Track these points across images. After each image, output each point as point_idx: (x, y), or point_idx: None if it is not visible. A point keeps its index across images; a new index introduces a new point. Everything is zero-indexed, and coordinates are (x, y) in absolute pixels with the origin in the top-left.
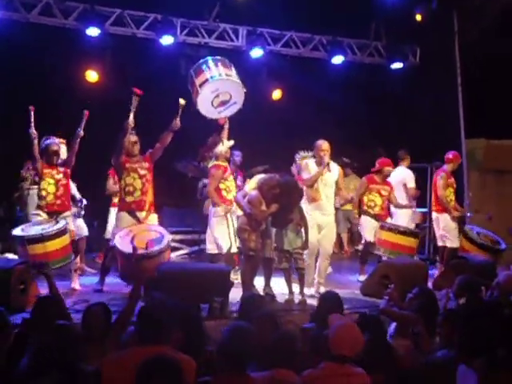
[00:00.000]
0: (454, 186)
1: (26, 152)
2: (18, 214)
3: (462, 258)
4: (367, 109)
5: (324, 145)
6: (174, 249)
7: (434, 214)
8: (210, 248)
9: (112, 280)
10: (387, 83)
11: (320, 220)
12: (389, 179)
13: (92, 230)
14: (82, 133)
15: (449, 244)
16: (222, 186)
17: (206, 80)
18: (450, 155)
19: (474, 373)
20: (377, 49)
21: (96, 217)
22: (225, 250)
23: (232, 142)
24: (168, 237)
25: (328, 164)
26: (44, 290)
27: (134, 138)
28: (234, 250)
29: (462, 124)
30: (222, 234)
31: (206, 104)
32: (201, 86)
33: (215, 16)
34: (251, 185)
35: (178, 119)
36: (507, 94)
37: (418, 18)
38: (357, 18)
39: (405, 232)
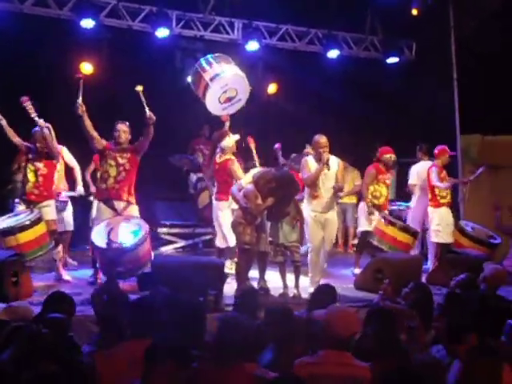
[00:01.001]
0: (447, 178)
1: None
2: (11, 206)
3: (456, 252)
4: (362, 103)
5: (322, 140)
6: (169, 242)
7: (430, 209)
8: (220, 242)
9: None
10: (383, 78)
11: (320, 217)
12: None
13: (87, 223)
14: (42, 121)
15: (442, 240)
16: (229, 179)
17: (217, 74)
18: (436, 150)
19: (459, 361)
20: (372, 43)
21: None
22: (233, 244)
23: (238, 136)
24: (145, 229)
25: (327, 161)
26: (36, 282)
27: (123, 126)
28: None
29: (458, 119)
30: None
31: (213, 99)
32: (211, 79)
33: (211, 9)
34: (247, 179)
35: (147, 110)
36: (503, 89)
37: (414, 12)
38: (353, 12)
39: (405, 229)
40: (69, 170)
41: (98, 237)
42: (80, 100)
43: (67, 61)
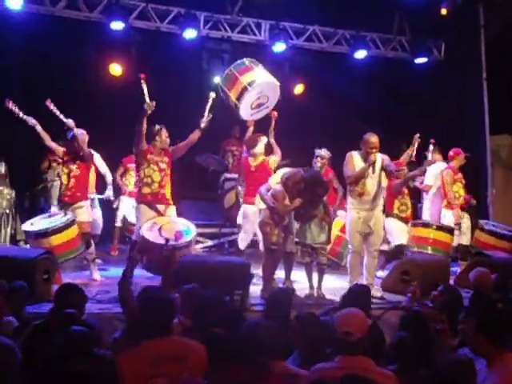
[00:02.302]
0: (463, 181)
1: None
2: (42, 205)
3: (484, 255)
4: (390, 104)
5: (373, 139)
6: (195, 242)
7: (443, 210)
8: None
9: (135, 272)
10: (411, 78)
11: (365, 216)
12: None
13: (108, 224)
14: (70, 121)
15: (458, 241)
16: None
17: (254, 80)
18: (451, 152)
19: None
20: (400, 43)
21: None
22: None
23: (266, 139)
24: (195, 229)
25: (374, 163)
26: (67, 279)
27: (165, 132)
28: None
29: (487, 120)
30: None
31: (247, 104)
32: (250, 84)
33: (238, 10)
34: (275, 179)
35: (208, 115)
36: None
37: (443, 11)
38: (380, 12)
39: (441, 228)
40: (99, 177)
41: (150, 234)
42: (148, 100)
43: (97, 62)
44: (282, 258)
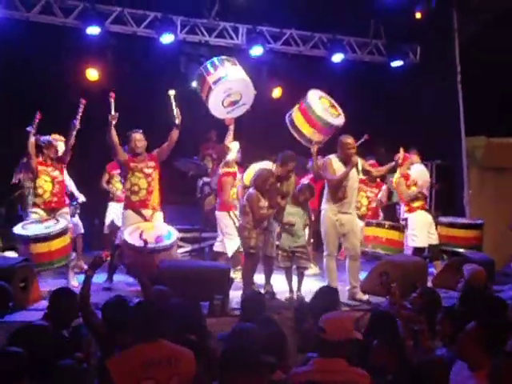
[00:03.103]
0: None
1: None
2: (19, 212)
3: (461, 255)
4: (367, 107)
5: (349, 140)
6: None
7: (406, 215)
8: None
9: (117, 278)
10: (387, 81)
11: (343, 219)
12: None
13: (93, 227)
14: (77, 124)
15: (416, 244)
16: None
17: (220, 78)
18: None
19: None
20: (377, 47)
21: (96, 214)
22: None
23: (237, 145)
24: (176, 233)
25: (356, 164)
26: (45, 287)
27: (138, 136)
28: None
29: (462, 122)
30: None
31: (216, 102)
32: (214, 83)
33: (215, 14)
34: (248, 176)
35: (176, 111)
36: (507, 91)
37: (418, 15)
38: (357, 16)
39: (392, 227)
40: None
41: (131, 238)
42: (113, 112)
43: (73, 67)
44: (262, 261)
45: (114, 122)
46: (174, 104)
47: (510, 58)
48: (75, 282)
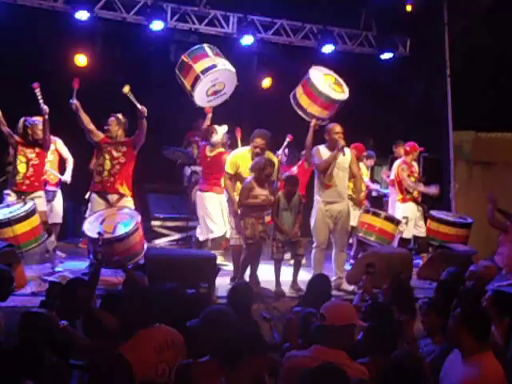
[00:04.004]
0: (416, 175)
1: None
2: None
3: (446, 248)
4: (356, 98)
5: (337, 127)
6: (162, 235)
7: (397, 204)
8: (203, 235)
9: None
10: (377, 73)
11: (333, 209)
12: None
13: (80, 215)
14: (45, 107)
15: (404, 235)
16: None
17: (209, 68)
18: (407, 147)
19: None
20: (367, 38)
21: (84, 202)
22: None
23: (225, 128)
24: (136, 219)
25: (343, 147)
26: (30, 273)
27: (112, 119)
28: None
29: (450, 115)
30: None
31: (202, 92)
32: (203, 72)
33: (206, 2)
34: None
35: (139, 106)
36: (497, 85)
37: (409, 8)
38: (347, 8)
39: (387, 218)
40: (63, 162)
41: (90, 227)
42: (75, 100)
43: (62, 53)
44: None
45: (74, 109)
46: (132, 98)
47: (499, 52)
48: (60, 267)
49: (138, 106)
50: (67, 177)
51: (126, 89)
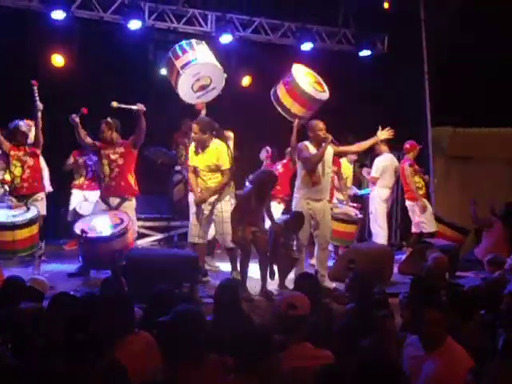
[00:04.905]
0: (421, 172)
1: None
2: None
3: (427, 242)
4: (335, 96)
5: (320, 124)
6: (144, 235)
7: (409, 202)
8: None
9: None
10: (355, 71)
11: (315, 207)
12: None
13: (59, 216)
14: (40, 104)
15: (425, 229)
16: None
17: (189, 62)
18: (407, 145)
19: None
20: (345, 36)
21: (63, 203)
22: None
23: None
24: (125, 224)
25: (332, 140)
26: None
27: (103, 125)
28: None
29: (428, 112)
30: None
31: (185, 87)
32: (182, 67)
33: (184, 1)
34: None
35: (134, 107)
36: (474, 82)
37: (386, 5)
38: (326, 6)
39: (343, 220)
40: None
41: (79, 225)
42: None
43: (38, 53)
44: (227, 253)
45: (77, 121)
46: (123, 106)
47: (476, 48)
48: (39, 271)
49: (133, 107)
50: (48, 186)
51: (115, 104)
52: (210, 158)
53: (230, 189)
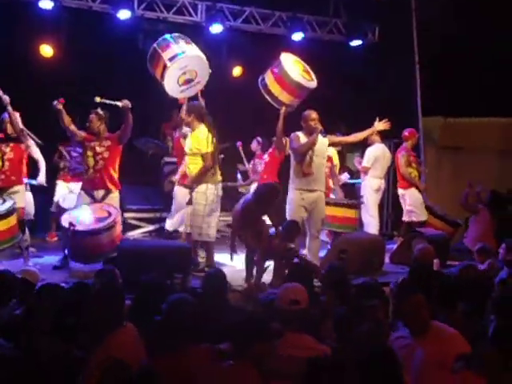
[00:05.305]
0: (417, 162)
1: None
2: None
3: (417, 232)
4: (326, 85)
5: (313, 114)
6: (135, 227)
7: (400, 191)
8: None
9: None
10: (346, 60)
11: (309, 198)
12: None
13: (48, 210)
14: (6, 97)
15: (416, 218)
16: None
17: (176, 55)
18: (406, 133)
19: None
20: (336, 26)
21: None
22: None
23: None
24: (113, 217)
25: (321, 131)
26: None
27: (92, 116)
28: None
29: (419, 102)
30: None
31: (171, 80)
32: (170, 59)
33: None
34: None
35: (119, 103)
36: (464, 72)
37: None
38: None
39: (347, 205)
40: (33, 164)
41: (65, 218)
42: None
43: (26, 43)
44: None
45: (60, 108)
46: (107, 101)
47: (467, 37)
48: (31, 263)
49: (119, 103)
50: (42, 179)
51: (98, 99)
52: (192, 141)
53: (213, 178)
